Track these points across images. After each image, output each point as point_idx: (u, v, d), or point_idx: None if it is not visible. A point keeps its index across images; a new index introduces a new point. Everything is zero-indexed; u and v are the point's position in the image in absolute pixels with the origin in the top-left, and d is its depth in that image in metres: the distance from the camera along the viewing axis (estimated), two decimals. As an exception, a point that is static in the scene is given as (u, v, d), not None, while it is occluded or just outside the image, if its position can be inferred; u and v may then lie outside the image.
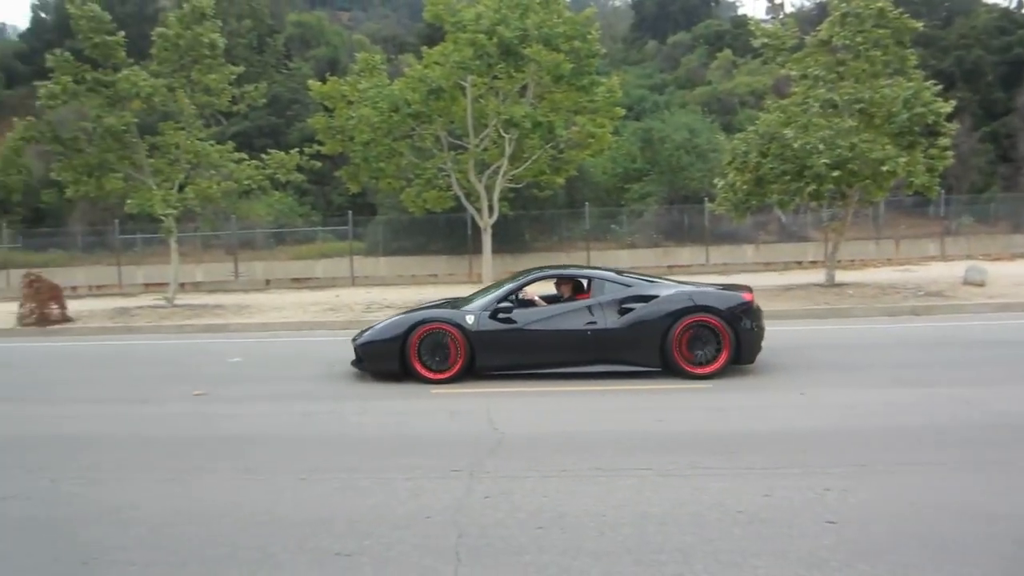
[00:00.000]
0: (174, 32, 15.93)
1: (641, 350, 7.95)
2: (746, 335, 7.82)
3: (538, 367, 8.25)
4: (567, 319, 8.17)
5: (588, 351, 8.08)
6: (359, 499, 4.51)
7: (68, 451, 5.86)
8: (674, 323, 7.77)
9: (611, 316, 8.02)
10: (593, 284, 8.48)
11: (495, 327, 8.18)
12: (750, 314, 7.93)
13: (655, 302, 7.99)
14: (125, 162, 16.30)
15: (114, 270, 25.21)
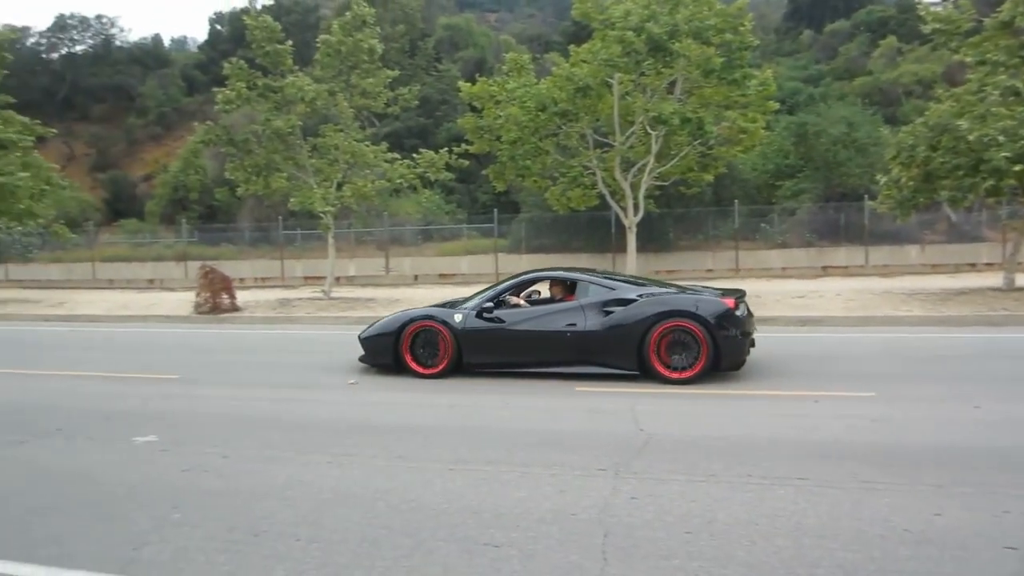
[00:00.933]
0: (336, 39, 16.82)
1: (619, 353, 8.00)
2: (726, 342, 7.67)
3: (521, 366, 8.50)
4: (549, 320, 8.36)
5: (568, 352, 8.24)
6: (505, 492, 4.58)
7: (241, 430, 6.33)
8: (652, 327, 7.76)
9: (591, 319, 8.14)
10: (578, 287, 8.58)
11: (481, 326, 8.50)
12: (731, 321, 7.76)
13: (634, 306, 8.00)
14: (289, 162, 17.39)
15: (277, 263, 26.96)
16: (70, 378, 9.19)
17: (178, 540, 3.96)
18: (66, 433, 6.32)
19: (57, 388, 8.57)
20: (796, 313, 13.30)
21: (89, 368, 9.82)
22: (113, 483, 4.96)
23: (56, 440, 6.12)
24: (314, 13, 67.30)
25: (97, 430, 6.43)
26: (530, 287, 9.29)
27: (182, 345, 12.44)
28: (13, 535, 4.10)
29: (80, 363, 10.31)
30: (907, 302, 13.89)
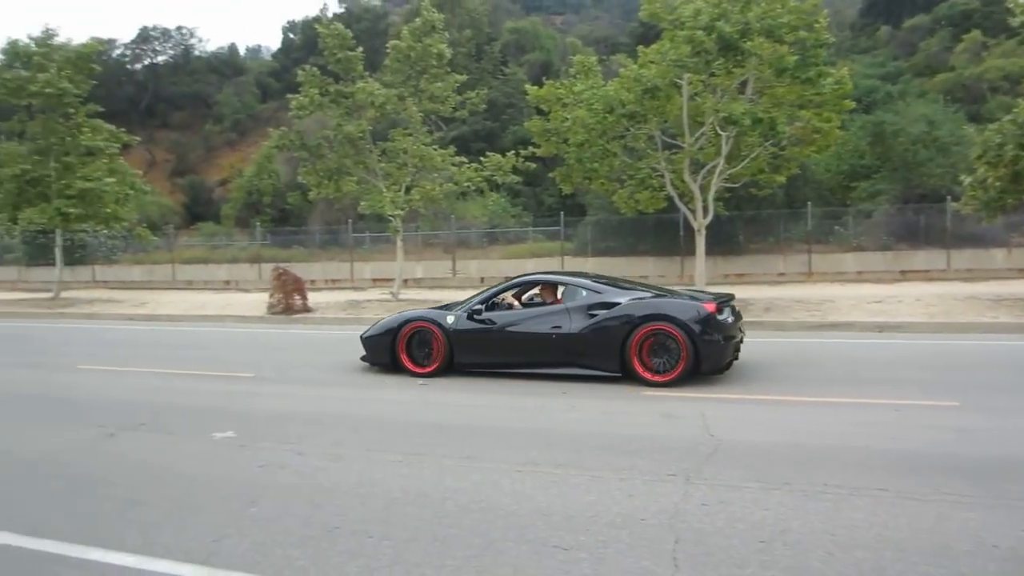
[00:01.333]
0: (406, 44, 17.10)
1: (601, 355, 8.16)
2: (706, 346, 7.77)
3: (509, 366, 8.74)
4: (536, 323, 8.59)
5: (553, 353, 8.45)
6: (574, 495, 4.57)
7: (313, 428, 6.47)
8: (633, 330, 7.92)
9: (576, 321, 8.33)
10: (566, 290, 8.82)
11: (471, 327, 8.77)
12: (712, 325, 7.85)
13: (617, 309, 8.15)
14: (360, 166, 17.75)
15: (346, 266, 27.50)
16: (153, 375, 9.57)
17: (255, 534, 4.08)
18: (150, 427, 6.59)
19: (142, 384, 8.93)
20: (873, 319, 12.87)
21: (170, 366, 10.21)
22: (194, 476, 5.15)
23: (142, 434, 6.38)
24: (383, 20, 68.54)
25: (179, 425, 6.68)
26: (529, 290, 9.48)
27: (256, 344, 12.82)
28: (105, 523, 4.29)
29: (162, 361, 10.72)
30: (993, 308, 13.30)
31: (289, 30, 78.69)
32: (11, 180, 20.19)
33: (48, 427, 6.79)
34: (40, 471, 5.39)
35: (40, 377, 9.58)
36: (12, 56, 20.91)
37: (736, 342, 8.33)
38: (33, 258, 30.96)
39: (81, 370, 10.04)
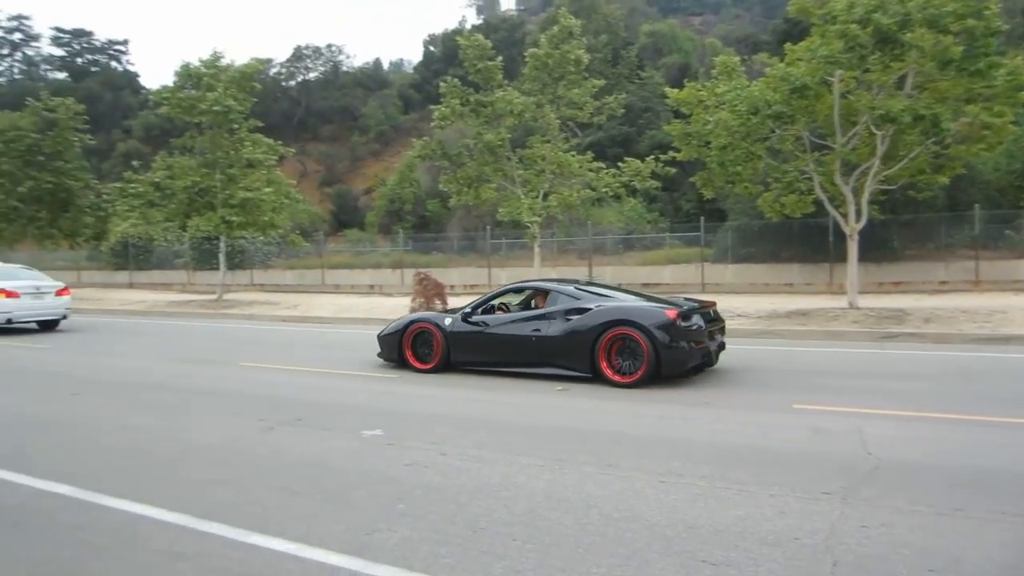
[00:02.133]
0: (544, 52, 17.26)
1: (574, 357, 8.76)
2: (665, 350, 8.22)
3: (496, 365, 9.47)
4: (519, 326, 9.31)
5: (533, 354, 9.13)
6: (721, 509, 4.41)
7: (456, 429, 6.61)
8: (601, 334, 8.49)
9: (554, 325, 8.98)
10: (549, 296, 9.48)
11: (465, 329, 9.62)
12: (670, 330, 8.26)
13: (588, 314, 8.73)
14: (498, 174, 18.06)
15: (484, 271, 28.02)
16: (308, 373, 10.10)
17: (404, 530, 4.20)
18: (305, 423, 6.95)
19: (298, 382, 9.45)
20: (1053, 331, 11.71)
21: (323, 365, 10.74)
22: (345, 471, 5.37)
23: (298, 428, 6.75)
24: (520, 29, 69.56)
25: (331, 422, 7.01)
26: (522, 296, 10.30)
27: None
28: (266, 511, 4.55)
29: (315, 360, 11.30)
30: None
31: (430, 43, 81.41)
32: (183, 191, 21.98)
33: (214, 419, 7.31)
34: (208, 459, 5.80)
35: (207, 372, 10.35)
36: (185, 78, 22.78)
37: (704, 348, 8.71)
38: (199, 263, 33.55)
39: (243, 367, 10.75)
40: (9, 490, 5.07)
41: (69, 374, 10.39)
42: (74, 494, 4.92)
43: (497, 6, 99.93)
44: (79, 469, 5.49)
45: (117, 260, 36.36)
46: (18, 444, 6.39)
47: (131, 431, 6.80)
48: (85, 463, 5.70)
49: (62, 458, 5.87)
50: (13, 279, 16.66)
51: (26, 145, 25.01)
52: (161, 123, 63.63)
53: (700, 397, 7.84)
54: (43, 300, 16.75)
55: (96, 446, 6.29)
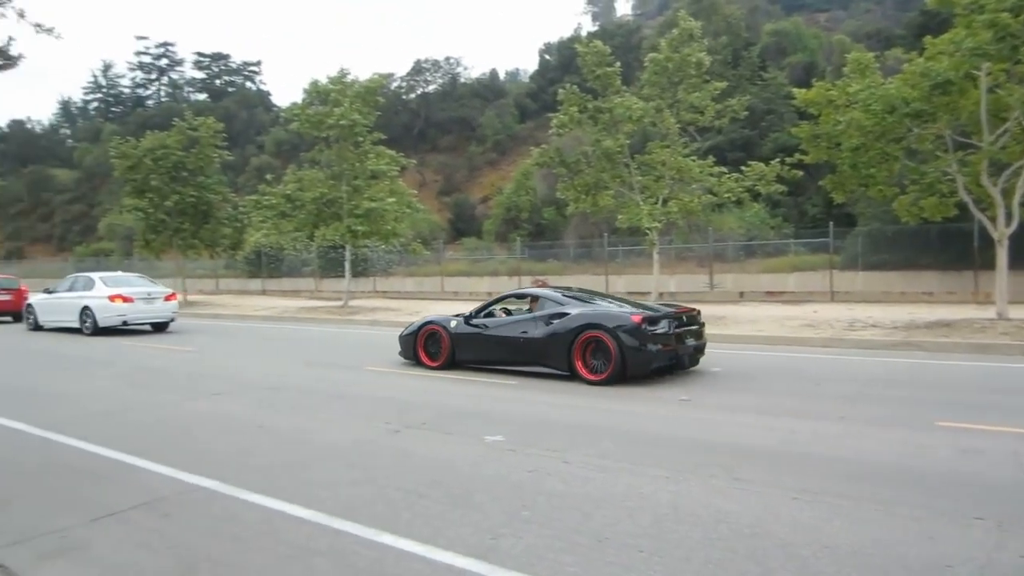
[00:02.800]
0: (664, 56, 16.99)
1: (555, 357, 9.64)
2: (629, 352, 8.99)
3: (492, 363, 10.47)
4: (511, 328, 10.24)
5: (522, 354, 10.04)
6: (861, 530, 4.18)
7: (579, 437, 6.56)
8: (576, 336, 9.36)
9: (539, 328, 9.85)
10: (538, 301, 10.39)
11: (467, 330, 10.65)
12: (635, 333, 9.03)
13: (567, 318, 9.60)
14: (616, 180, 17.88)
15: (600, 279, 27.82)
16: (429, 378, 10.30)
17: (528, 536, 4.20)
18: (430, 427, 7.10)
19: (420, 386, 9.66)
20: None
21: (447, 371, 10.90)
22: (470, 476, 5.44)
23: (422, 432, 6.89)
24: (636, 34, 68.93)
25: (453, 426, 7.12)
26: (518, 302, 11.11)
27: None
28: (395, 511, 4.66)
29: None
30: None
31: (545, 52, 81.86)
32: (311, 202, 23.01)
33: (343, 421, 7.58)
34: (339, 459, 6.01)
35: (335, 376, 10.75)
36: (313, 95, 23.86)
37: (672, 350, 9.37)
38: (325, 270, 35.04)
39: (369, 371, 11.11)
40: (162, 482, 5.43)
41: (212, 375, 11.05)
42: (219, 488, 5.21)
43: (613, 12, 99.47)
44: (222, 465, 5.81)
45: (251, 268, 38.50)
46: (169, 440, 6.84)
47: (267, 431, 7.15)
48: (227, 460, 6.03)
49: (206, 454, 6.23)
50: (129, 285, 18.58)
51: (172, 162, 26.83)
52: (291, 138, 67.05)
53: (835, 411, 7.47)
54: (153, 304, 18.50)
55: (236, 445, 6.64)
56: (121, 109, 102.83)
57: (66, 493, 5.29)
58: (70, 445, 6.62)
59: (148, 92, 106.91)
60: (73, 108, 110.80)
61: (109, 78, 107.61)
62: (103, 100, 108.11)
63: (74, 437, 6.83)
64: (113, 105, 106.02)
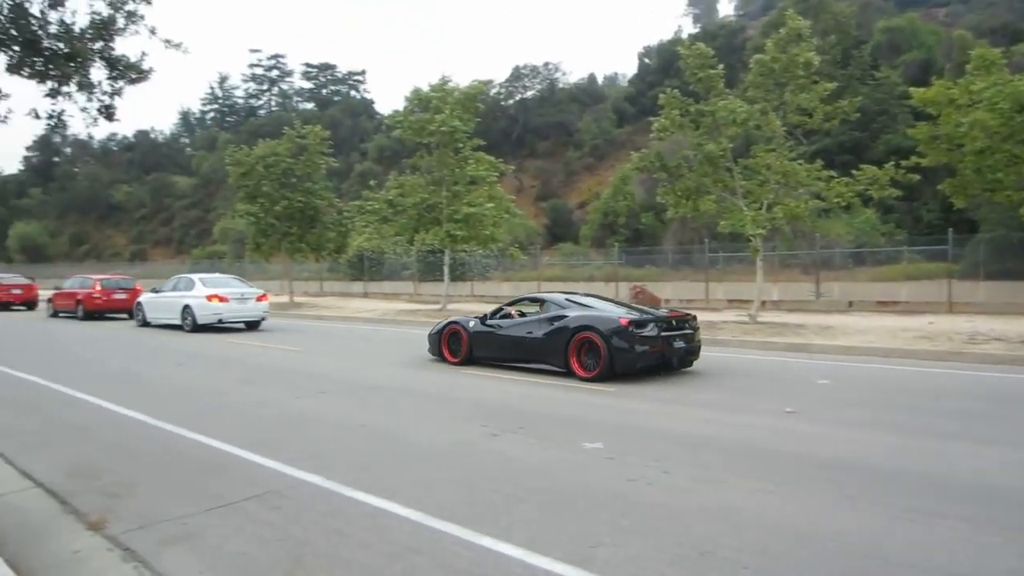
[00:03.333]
0: (770, 57, 16.49)
1: (555, 355, 10.46)
2: (617, 352, 9.77)
3: (503, 361, 11.44)
4: (519, 329, 11.13)
5: (527, 352, 10.96)
6: (989, 558, 3.93)
7: (678, 447, 6.43)
8: (571, 337, 10.20)
9: (542, 329, 10.71)
10: (544, 305, 11.31)
11: (482, 330, 11.65)
12: (622, 335, 9.81)
13: (565, 320, 10.42)
14: (718, 185, 17.46)
15: (699, 285, 27.26)
16: (524, 383, 10.31)
17: (628, 546, 4.14)
18: (527, 431, 7.10)
19: (517, 391, 9.67)
20: None
21: (539, 375, 10.92)
22: (568, 482, 5.41)
23: (520, 436, 6.90)
24: (739, 35, 67.28)
25: (553, 432, 7.10)
26: (530, 304, 11.96)
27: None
28: (494, 515, 4.68)
29: (530, 369, 11.52)
30: None
31: (644, 55, 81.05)
32: (412, 207, 23.54)
33: (443, 422, 7.68)
34: (439, 460, 6.10)
35: (434, 377, 10.90)
36: (415, 102, 24.43)
37: (659, 351, 10.15)
38: (424, 274, 35.75)
39: (467, 374, 11.22)
40: (271, 476, 5.64)
41: (316, 374, 11.42)
42: (324, 484, 5.37)
43: (715, 13, 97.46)
44: (327, 462, 5.99)
45: (353, 271, 39.71)
46: (278, 435, 7.11)
47: (369, 430, 7.33)
48: (331, 457, 6.21)
49: (312, 451, 6.43)
50: (225, 286, 19.89)
51: (282, 169, 28.01)
52: (392, 145, 68.85)
53: (952, 428, 7.05)
54: (246, 304, 19.70)
55: (340, 442, 6.83)
56: (235, 119, 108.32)
57: (184, 482, 5.57)
58: (186, 436, 6.98)
59: (260, 102, 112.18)
60: (192, 118, 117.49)
61: (225, 89, 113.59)
62: (219, 110, 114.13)
63: (190, 429, 7.20)
64: (228, 115, 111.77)
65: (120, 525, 4.60)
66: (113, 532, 4.48)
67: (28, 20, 5.30)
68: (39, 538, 4.52)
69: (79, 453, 6.52)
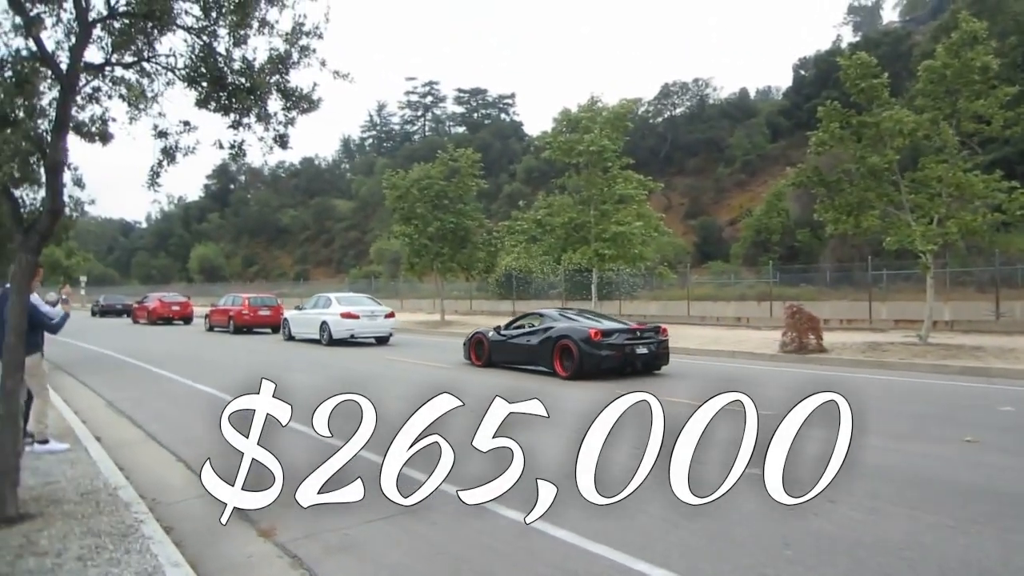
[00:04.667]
0: (940, 63, 15.42)
1: (545, 359, 13.16)
2: (585, 356, 12.43)
3: (512, 364, 14.08)
4: (522, 338, 13.88)
5: (526, 357, 13.72)
6: None
7: (845, 475, 6.07)
8: (555, 344, 12.94)
9: (537, 338, 13.48)
10: (542, 318, 14.12)
11: (497, 339, 14.42)
12: (590, 343, 12.45)
13: (552, 331, 13.22)
14: (883, 199, 16.43)
15: (861, 305, 25.71)
16: (677, 404, 10.13)
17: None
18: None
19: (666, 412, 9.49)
20: None
21: (687, 396, 10.68)
22: (726, 508, 5.21)
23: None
24: (905, 42, 63.25)
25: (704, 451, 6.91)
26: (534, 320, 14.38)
27: (771, 383, 12.65)
28: (647, 541, 4.65)
29: (684, 391, 11.30)
30: None
31: (800, 67, 77.94)
32: (560, 227, 23.79)
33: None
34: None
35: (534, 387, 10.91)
36: (564, 123, 24.75)
37: (620, 355, 12.60)
38: (571, 293, 35.86)
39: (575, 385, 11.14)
40: (435, 493, 5.84)
41: (465, 391, 11.72)
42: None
43: (878, 20, 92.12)
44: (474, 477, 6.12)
45: (501, 290, 40.47)
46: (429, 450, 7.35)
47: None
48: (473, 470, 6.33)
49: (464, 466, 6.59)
50: (357, 304, 21.77)
51: (435, 191, 29.11)
52: (540, 165, 69.84)
53: None
54: (375, 321, 21.30)
55: (474, 452, 6.95)
56: (391, 144, 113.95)
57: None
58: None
59: (415, 128, 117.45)
60: (352, 145, 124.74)
61: (382, 116, 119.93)
62: (377, 136, 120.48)
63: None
64: (385, 141, 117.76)
65: (288, 533, 4.91)
66: (282, 539, 4.80)
67: (215, 58, 5.82)
68: (215, 541, 4.88)
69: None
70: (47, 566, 4.11)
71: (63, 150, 5.18)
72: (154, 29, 5.57)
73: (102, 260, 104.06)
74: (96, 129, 5.83)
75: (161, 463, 7.02)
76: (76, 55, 5.19)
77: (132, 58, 5.71)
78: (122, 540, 4.51)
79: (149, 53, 5.74)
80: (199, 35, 5.76)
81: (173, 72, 5.87)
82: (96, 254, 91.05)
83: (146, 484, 6.06)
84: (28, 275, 5.27)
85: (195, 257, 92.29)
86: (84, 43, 5.20)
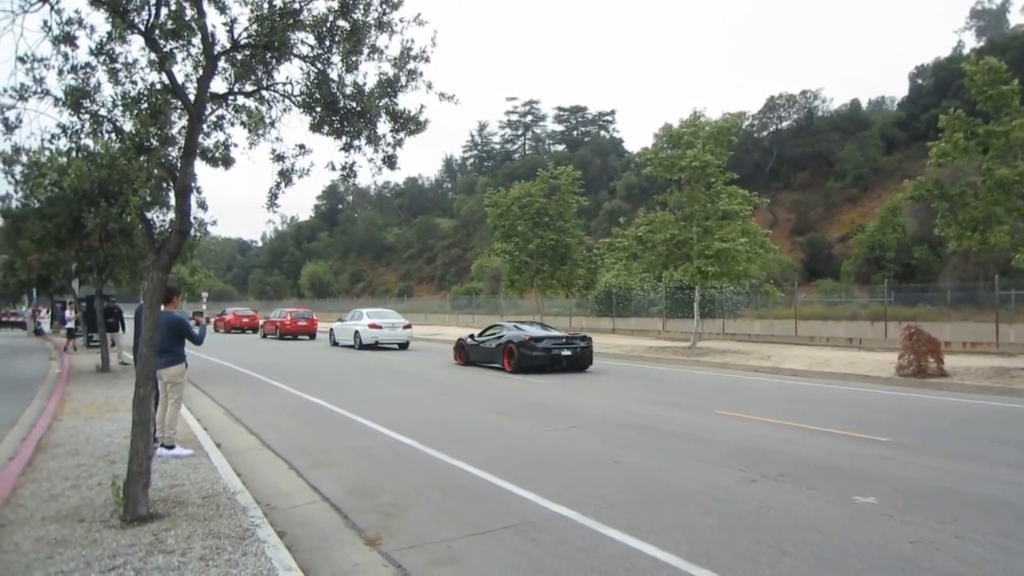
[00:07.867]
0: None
1: (498, 358, 18.05)
2: (522, 356, 17.30)
3: (481, 363, 19.03)
4: (487, 343, 18.83)
5: (488, 357, 18.66)
6: None
7: (969, 509, 5.73)
8: (504, 347, 17.91)
9: (495, 343, 18.42)
10: (499, 328, 19.17)
11: (472, 343, 19.50)
12: (525, 346, 17.33)
13: (503, 338, 18.18)
14: (1013, 214, 15.40)
15: (987, 327, 24.07)
16: (785, 427, 9.81)
17: (914, 615, 3.77)
18: (788, 479, 6.73)
19: (775, 435, 9.21)
20: None
21: (800, 420, 10.34)
22: (839, 537, 5.04)
23: (781, 484, 6.56)
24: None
25: (817, 481, 6.66)
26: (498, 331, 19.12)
27: (887, 408, 12.04)
28: (754, 568, 4.49)
29: (791, 414, 10.93)
30: None
31: (917, 76, 74.27)
32: (662, 244, 23.42)
33: (696, 464, 7.50)
34: (694, 503, 5.97)
35: (685, 418, 10.71)
36: (665, 139, 24.43)
37: (547, 356, 17.39)
38: (672, 311, 35.24)
39: (719, 415, 10.90)
40: (527, 507, 5.88)
41: (563, 409, 11.71)
42: (578, 519, 5.49)
43: (1004, 23, 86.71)
44: (580, 496, 6.11)
45: (600, 307, 40.19)
46: (531, 467, 7.39)
47: (622, 467, 7.36)
48: (585, 492, 6.31)
49: (566, 484, 6.60)
50: (381, 317, 27.48)
51: (535, 209, 29.32)
52: (640, 182, 69.24)
53: None
54: (395, 331, 26.89)
55: (593, 477, 6.93)
56: (492, 163, 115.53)
57: (447, 507, 5.96)
58: (444, 461, 7.51)
59: (515, 146, 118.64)
60: (454, 164, 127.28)
61: (483, 136, 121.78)
62: (478, 156, 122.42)
63: (448, 455, 7.73)
64: (486, 160, 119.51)
65: (393, 542, 5.04)
66: (387, 548, 4.92)
67: (328, 84, 6.10)
68: (324, 547, 5.07)
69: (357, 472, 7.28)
70: (173, 564, 4.36)
71: (191, 175, 5.53)
72: (273, 59, 5.89)
73: (221, 277, 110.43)
74: (220, 154, 6.21)
75: (275, 471, 7.33)
76: (203, 86, 5.54)
77: (252, 87, 6.05)
78: (240, 543, 4.73)
79: (268, 82, 6.08)
80: (314, 63, 6.05)
81: (290, 99, 6.19)
82: (216, 271, 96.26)
83: (261, 490, 6.34)
84: (160, 292, 5.63)
85: (306, 274, 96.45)
86: (210, 75, 5.55)
